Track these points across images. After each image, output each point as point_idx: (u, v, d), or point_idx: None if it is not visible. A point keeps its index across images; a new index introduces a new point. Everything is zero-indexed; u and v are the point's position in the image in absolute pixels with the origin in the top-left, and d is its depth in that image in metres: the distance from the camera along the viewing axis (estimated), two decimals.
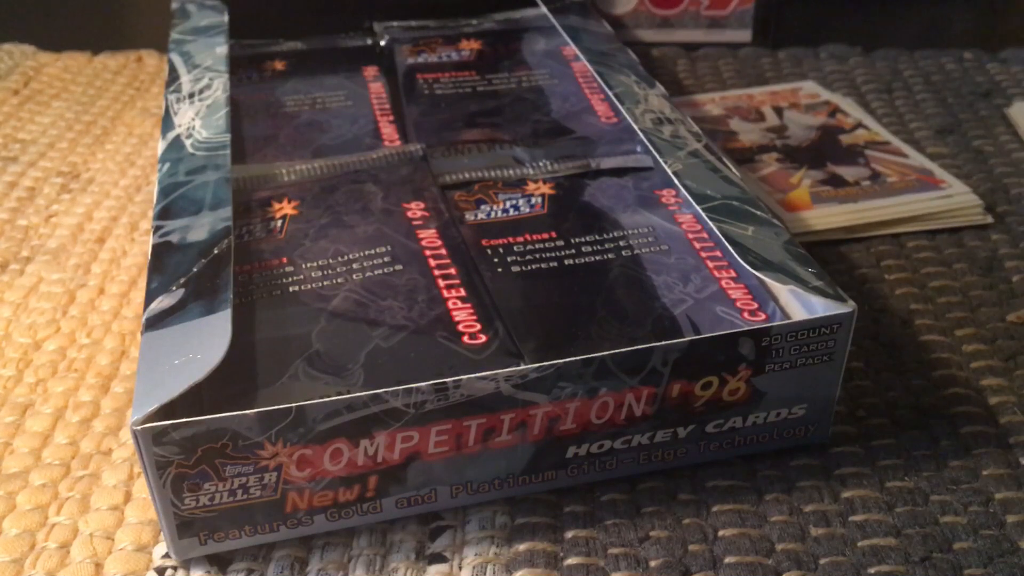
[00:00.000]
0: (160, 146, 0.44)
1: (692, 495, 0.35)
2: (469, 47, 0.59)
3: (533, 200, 0.44)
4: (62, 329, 0.44)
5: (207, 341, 0.32)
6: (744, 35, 0.71)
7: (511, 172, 0.46)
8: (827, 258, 0.48)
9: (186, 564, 0.33)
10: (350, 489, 0.32)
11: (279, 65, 0.57)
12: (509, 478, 0.34)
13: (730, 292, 0.38)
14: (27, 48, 0.71)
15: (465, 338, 0.36)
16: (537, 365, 0.32)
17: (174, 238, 0.38)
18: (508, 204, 0.44)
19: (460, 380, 0.31)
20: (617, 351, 0.32)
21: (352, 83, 0.55)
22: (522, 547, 0.33)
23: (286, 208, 0.43)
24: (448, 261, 0.40)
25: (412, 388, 0.31)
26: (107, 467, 0.37)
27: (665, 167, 0.42)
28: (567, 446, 0.34)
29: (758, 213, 0.39)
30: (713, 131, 0.58)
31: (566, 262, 0.40)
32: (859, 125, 0.58)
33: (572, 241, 0.41)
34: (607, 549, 0.33)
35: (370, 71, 0.57)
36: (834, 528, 0.34)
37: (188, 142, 0.44)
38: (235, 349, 0.32)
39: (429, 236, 0.41)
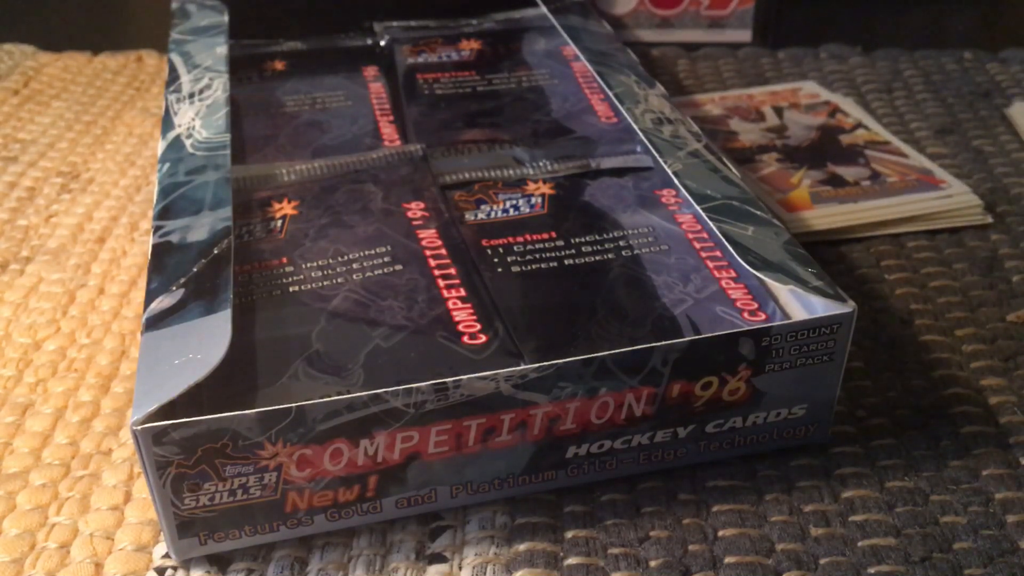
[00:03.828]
0: (160, 146, 0.44)
1: (692, 495, 0.35)
2: (469, 47, 0.59)
3: (533, 200, 0.44)
4: (62, 329, 0.44)
5: (207, 341, 0.32)
6: (744, 35, 0.71)
7: (511, 172, 0.46)
8: (827, 258, 0.48)
9: (186, 564, 0.33)
10: (350, 489, 0.32)
11: (279, 65, 0.57)
12: (509, 478, 0.34)
13: (730, 292, 0.38)
14: (27, 48, 0.71)
15: (465, 338, 0.36)
16: (537, 365, 0.32)
17: (174, 238, 0.38)
18: (508, 204, 0.44)
19: (460, 380, 0.31)
20: (617, 351, 0.32)
21: (352, 83, 0.55)
22: (522, 547, 0.33)
23: (286, 208, 0.43)
24: (448, 261, 0.40)
25: (412, 388, 0.31)
26: (107, 467, 0.37)
27: (665, 167, 0.42)
28: (567, 446, 0.34)
29: (758, 213, 0.39)
30: (713, 131, 0.58)
31: (566, 262, 0.40)
32: (859, 125, 0.58)
33: (572, 241, 0.41)
34: (607, 549, 0.33)
35: (370, 71, 0.57)
36: (834, 528, 0.34)
37: (188, 142, 0.44)
38: (235, 349, 0.32)
39: (429, 236, 0.41)
